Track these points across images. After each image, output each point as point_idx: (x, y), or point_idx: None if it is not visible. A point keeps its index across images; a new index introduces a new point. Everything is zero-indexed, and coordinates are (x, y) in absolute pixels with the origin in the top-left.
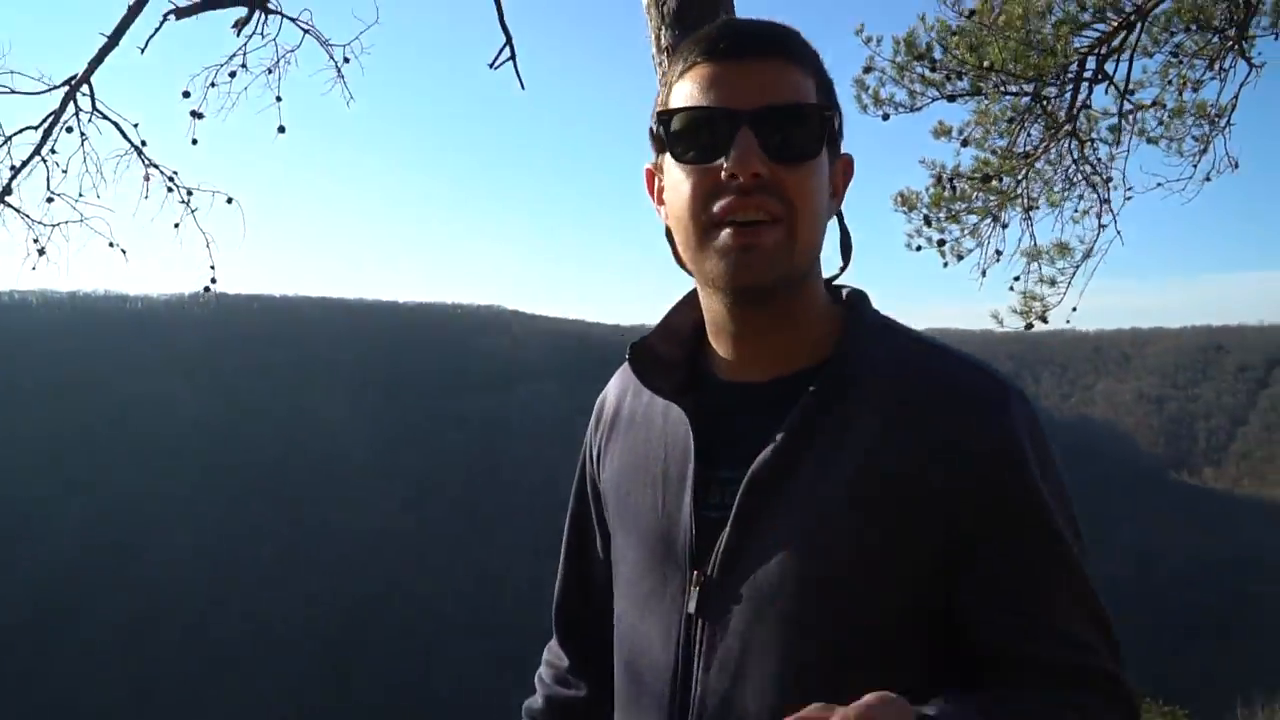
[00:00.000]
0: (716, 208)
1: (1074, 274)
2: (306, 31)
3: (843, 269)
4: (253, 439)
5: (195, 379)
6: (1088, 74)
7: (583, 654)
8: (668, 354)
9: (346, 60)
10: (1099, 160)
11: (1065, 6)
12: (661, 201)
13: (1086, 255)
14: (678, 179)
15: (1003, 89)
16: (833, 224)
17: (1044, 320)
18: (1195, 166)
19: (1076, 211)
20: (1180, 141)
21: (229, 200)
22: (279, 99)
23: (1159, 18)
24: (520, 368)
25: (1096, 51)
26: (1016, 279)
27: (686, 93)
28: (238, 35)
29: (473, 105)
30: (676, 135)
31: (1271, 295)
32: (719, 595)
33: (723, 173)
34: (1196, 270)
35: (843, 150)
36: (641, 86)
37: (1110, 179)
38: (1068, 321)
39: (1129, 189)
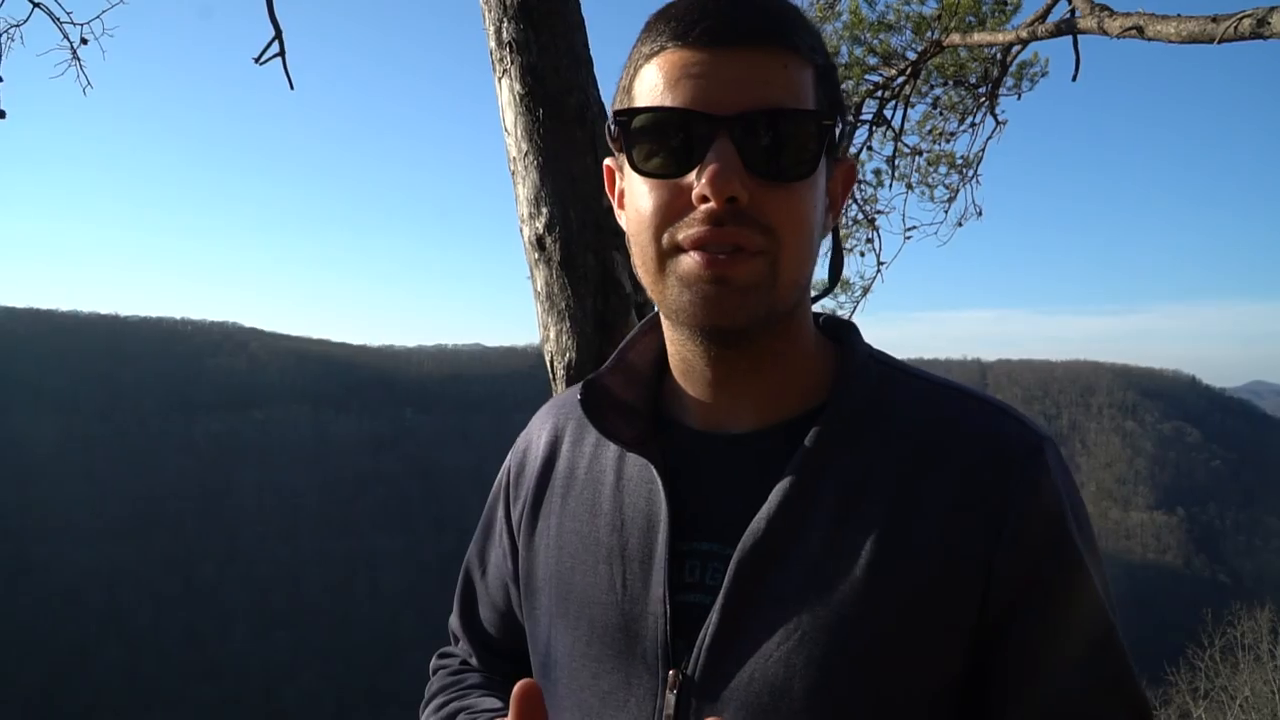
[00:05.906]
0: (682, 236)
1: (854, 309)
2: (36, 5)
3: (828, 290)
4: None
5: None
6: (867, 117)
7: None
8: (627, 396)
9: (84, 41)
10: (863, 201)
11: (853, 50)
12: (622, 206)
13: (865, 291)
14: (639, 191)
15: None
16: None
17: None
18: (946, 212)
19: (847, 249)
20: (934, 188)
21: None
22: None
23: (930, 70)
24: (259, 389)
25: (877, 95)
26: None
27: (652, 85)
28: None
29: (225, 103)
30: (637, 140)
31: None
32: (703, 701)
33: (694, 193)
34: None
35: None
36: (416, 88)
37: (875, 220)
38: None
39: (909, 229)
